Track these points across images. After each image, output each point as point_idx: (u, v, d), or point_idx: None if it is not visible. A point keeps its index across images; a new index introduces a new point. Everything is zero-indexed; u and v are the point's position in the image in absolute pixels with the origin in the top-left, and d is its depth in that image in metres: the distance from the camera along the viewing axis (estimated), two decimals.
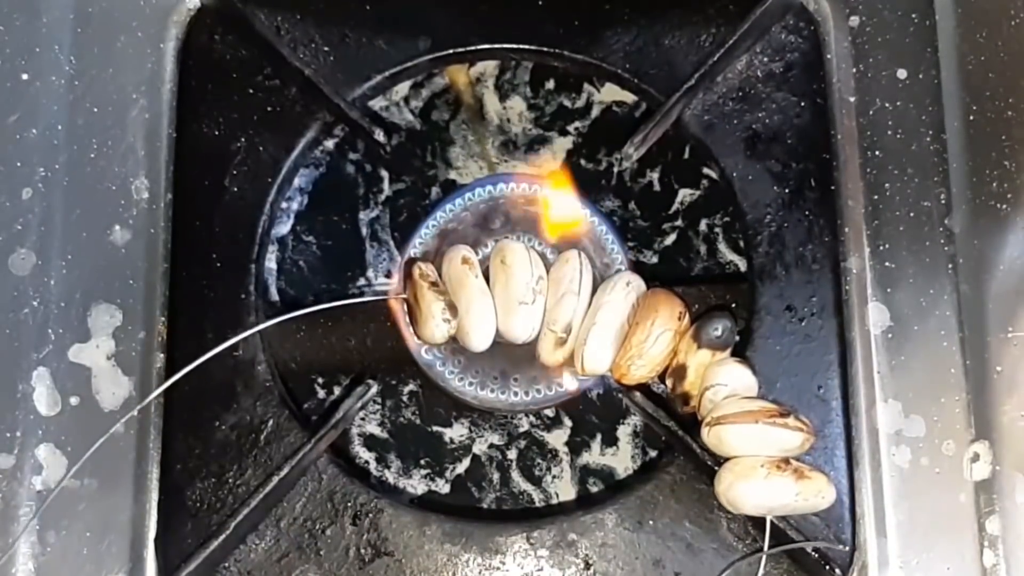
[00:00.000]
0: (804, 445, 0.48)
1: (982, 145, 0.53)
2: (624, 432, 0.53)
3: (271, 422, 0.51)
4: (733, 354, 0.50)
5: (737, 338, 0.51)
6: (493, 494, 0.52)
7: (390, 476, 0.53)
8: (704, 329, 0.49)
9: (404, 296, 0.51)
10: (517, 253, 0.50)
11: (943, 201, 0.54)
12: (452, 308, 0.49)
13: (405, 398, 0.53)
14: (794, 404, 0.50)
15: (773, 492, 0.47)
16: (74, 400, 0.52)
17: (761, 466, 0.47)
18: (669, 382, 0.50)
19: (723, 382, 0.49)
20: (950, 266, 0.54)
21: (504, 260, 0.50)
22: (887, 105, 0.56)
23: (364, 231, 0.56)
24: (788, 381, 0.51)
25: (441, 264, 0.51)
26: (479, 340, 0.50)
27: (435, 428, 0.53)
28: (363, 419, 0.53)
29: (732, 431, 0.47)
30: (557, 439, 0.53)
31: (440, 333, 0.49)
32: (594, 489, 0.52)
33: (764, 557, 0.48)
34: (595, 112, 0.57)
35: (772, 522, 0.48)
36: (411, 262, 0.51)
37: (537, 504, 0.52)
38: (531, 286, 0.50)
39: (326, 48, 0.55)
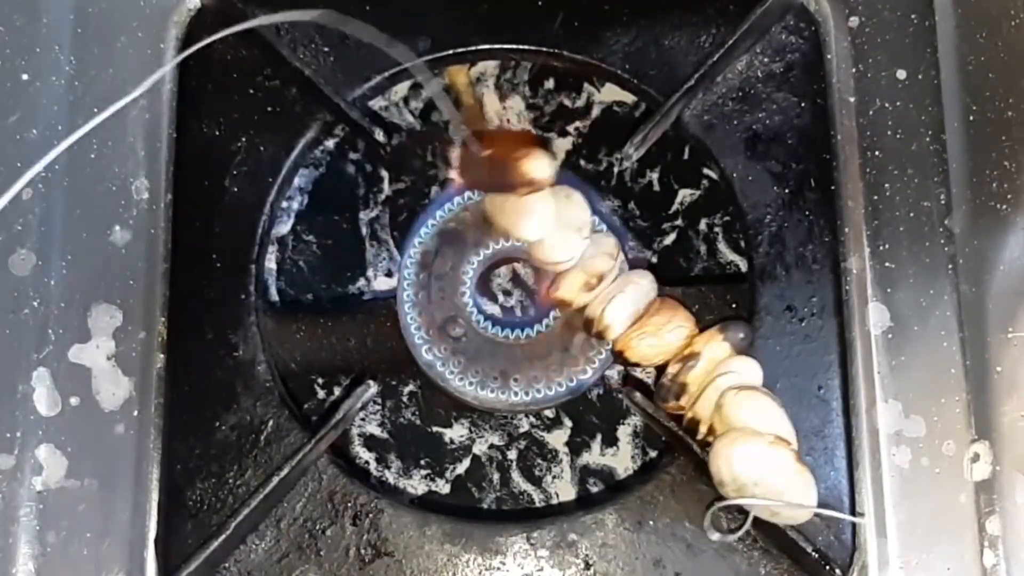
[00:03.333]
0: (796, 459, 0.48)
1: (982, 145, 0.53)
2: (624, 432, 0.53)
3: (271, 422, 0.51)
4: None
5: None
6: (493, 494, 0.52)
7: (390, 476, 0.53)
8: (732, 328, 0.50)
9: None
10: (582, 197, 0.52)
11: (943, 201, 0.54)
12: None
13: (405, 398, 0.53)
14: (794, 404, 0.50)
15: (771, 460, 0.47)
16: (74, 400, 0.52)
17: (766, 434, 0.47)
18: (675, 367, 0.50)
19: (736, 370, 0.49)
20: (950, 266, 0.54)
21: (569, 196, 0.52)
22: (887, 105, 0.56)
23: (364, 231, 0.56)
24: (788, 381, 0.51)
25: None
26: (533, 227, 0.50)
27: (435, 428, 0.53)
28: (363, 419, 0.53)
29: (761, 400, 0.48)
30: (557, 439, 0.53)
31: (546, 167, 0.49)
32: (594, 489, 0.52)
33: (750, 517, 0.48)
34: (595, 112, 0.57)
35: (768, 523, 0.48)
36: None
37: (537, 504, 0.52)
38: (586, 223, 0.51)
39: (326, 48, 0.55)
